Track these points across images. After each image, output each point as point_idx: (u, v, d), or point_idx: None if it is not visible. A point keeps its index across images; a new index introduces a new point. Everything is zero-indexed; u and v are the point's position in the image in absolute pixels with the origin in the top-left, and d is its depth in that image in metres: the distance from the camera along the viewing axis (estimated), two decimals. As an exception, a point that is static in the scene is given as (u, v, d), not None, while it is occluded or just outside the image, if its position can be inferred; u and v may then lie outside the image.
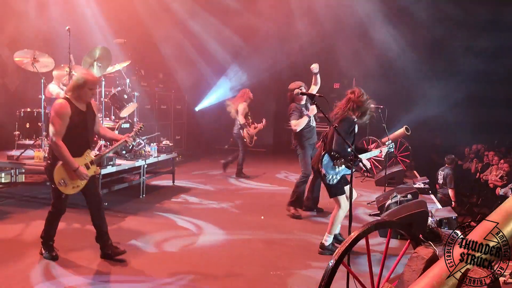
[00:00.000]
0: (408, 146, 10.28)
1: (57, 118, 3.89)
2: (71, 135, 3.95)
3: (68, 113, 3.91)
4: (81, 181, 4.12)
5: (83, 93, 4.00)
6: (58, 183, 4.01)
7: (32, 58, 6.40)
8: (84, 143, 4.14)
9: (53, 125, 3.89)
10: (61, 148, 3.88)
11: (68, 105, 3.94)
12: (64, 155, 3.90)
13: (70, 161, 3.94)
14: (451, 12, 11.94)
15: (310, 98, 4.13)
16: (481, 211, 9.28)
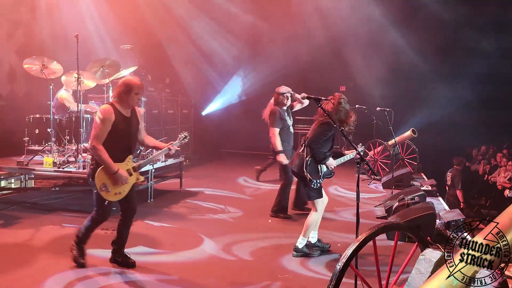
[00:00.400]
0: (415, 148, 10.25)
1: (99, 122, 3.90)
2: (113, 141, 3.94)
3: (111, 119, 3.92)
4: (123, 188, 4.06)
5: (130, 98, 4.00)
6: (100, 188, 3.96)
7: (41, 65, 6.48)
8: (126, 149, 4.10)
9: (94, 129, 3.93)
10: (100, 152, 3.89)
11: (112, 110, 3.95)
12: (104, 159, 3.90)
13: (110, 164, 3.93)
14: (458, 13, 11.91)
15: (315, 101, 4.15)
16: (489, 213, 9.22)
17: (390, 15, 11.70)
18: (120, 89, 4.00)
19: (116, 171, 3.96)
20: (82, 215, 6.05)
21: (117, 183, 4.00)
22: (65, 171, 6.27)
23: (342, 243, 5.26)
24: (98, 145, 3.89)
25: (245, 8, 11.60)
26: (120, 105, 4.01)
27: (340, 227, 5.89)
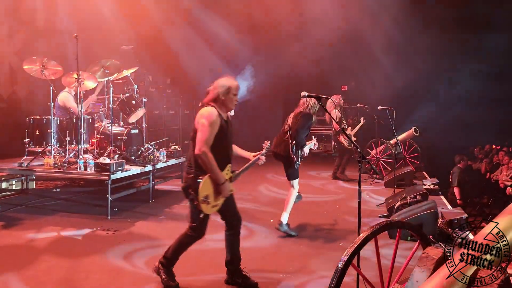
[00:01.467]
0: (417, 147, 10.22)
1: (208, 126, 3.54)
2: (216, 147, 3.59)
3: (218, 122, 3.61)
4: (220, 200, 3.69)
5: (228, 100, 3.71)
6: (201, 200, 3.54)
7: (41, 66, 6.47)
8: (227, 157, 3.78)
9: (203, 133, 3.53)
10: (210, 159, 3.51)
11: (217, 112, 3.64)
12: (214, 167, 3.53)
13: (218, 174, 3.58)
14: (460, 11, 11.89)
15: (317, 99, 4.13)
16: (492, 211, 9.18)
17: (391, 13, 11.66)
18: (217, 91, 3.69)
19: (224, 181, 3.61)
20: (83, 216, 6.07)
21: (219, 195, 3.65)
22: (66, 172, 6.26)
23: (343, 242, 5.24)
24: (209, 151, 3.51)
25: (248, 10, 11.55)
26: (219, 109, 3.69)
27: (339, 226, 5.86)
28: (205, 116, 3.59)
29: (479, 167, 12.21)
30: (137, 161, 7.08)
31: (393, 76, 12.87)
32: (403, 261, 2.80)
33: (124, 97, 7.35)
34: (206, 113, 3.61)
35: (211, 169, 3.54)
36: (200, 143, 3.52)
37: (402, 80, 12.80)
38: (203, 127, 3.56)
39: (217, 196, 3.65)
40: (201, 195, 3.53)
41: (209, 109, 3.64)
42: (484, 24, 12.40)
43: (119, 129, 7.29)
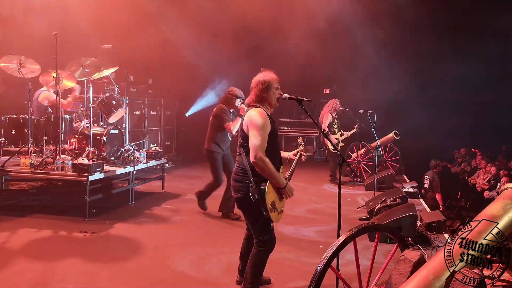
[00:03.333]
0: (397, 150, 10.36)
1: (259, 129, 3.27)
2: (271, 149, 3.36)
3: (269, 124, 3.35)
4: (283, 205, 3.49)
5: (272, 94, 3.46)
6: (270, 209, 3.29)
7: (18, 64, 6.33)
8: (279, 159, 3.54)
9: (256, 138, 3.26)
10: (268, 164, 3.25)
11: (266, 114, 3.39)
12: (273, 172, 3.29)
13: (279, 178, 3.35)
14: (445, 17, 12.09)
15: (298, 102, 4.13)
16: (469, 214, 9.35)
17: (372, 16, 11.80)
18: (258, 88, 3.45)
19: (286, 184, 3.40)
20: (60, 218, 5.94)
21: (282, 199, 3.46)
22: (43, 172, 6.12)
23: (323, 244, 5.25)
24: (265, 157, 3.25)
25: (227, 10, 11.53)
26: (265, 107, 3.45)
27: (321, 228, 5.88)
28: (255, 118, 3.32)
29: (458, 170, 12.43)
30: (117, 162, 6.99)
31: (374, 79, 13.02)
32: (382, 263, 2.81)
33: (104, 97, 7.24)
34: (255, 116, 3.33)
35: (271, 175, 3.30)
36: (255, 149, 3.26)
37: (383, 84, 12.96)
38: (255, 131, 3.29)
39: (281, 201, 3.46)
40: (268, 203, 3.29)
41: (259, 110, 3.37)
42: (465, 29, 12.65)
43: (98, 129, 7.18)
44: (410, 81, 13.62)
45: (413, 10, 11.86)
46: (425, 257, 2.62)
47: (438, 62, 13.13)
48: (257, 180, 3.32)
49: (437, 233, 5.57)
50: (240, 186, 3.41)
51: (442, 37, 12.83)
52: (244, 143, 3.40)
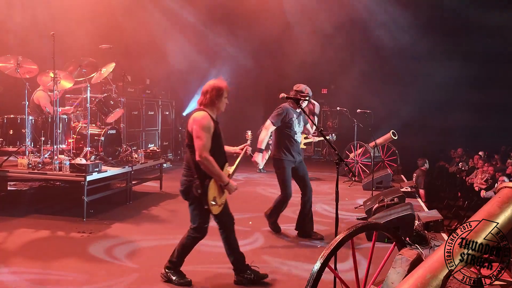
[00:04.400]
0: (395, 150, 10.37)
1: (203, 131, 3.62)
2: (215, 148, 3.69)
3: (212, 125, 3.68)
4: (224, 199, 3.82)
5: (221, 103, 3.81)
6: (210, 203, 3.65)
7: (16, 64, 6.31)
8: (224, 156, 3.87)
9: (200, 139, 3.60)
10: (212, 162, 3.59)
11: (209, 116, 3.71)
12: (217, 170, 3.62)
13: (222, 176, 3.67)
14: (438, 14, 12.13)
15: (295, 101, 4.16)
16: (466, 214, 9.35)
17: (370, 16, 11.83)
18: (211, 94, 3.75)
19: (228, 181, 3.72)
20: (57, 218, 5.93)
21: (223, 194, 3.78)
22: (40, 173, 6.11)
23: (321, 243, 5.26)
24: (209, 156, 3.59)
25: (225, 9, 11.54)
26: (210, 111, 3.77)
27: (318, 228, 5.88)
28: (198, 120, 3.65)
29: (455, 170, 12.46)
30: (115, 162, 6.98)
31: (372, 79, 13.05)
32: (379, 262, 2.81)
33: (102, 97, 7.23)
34: (199, 118, 3.65)
35: (214, 173, 3.63)
36: (199, 149, 3.59)
37: (381, 84, 12.99)
38: (199, 133, 3.61)
39: (222, 196, 3.77)
40: (211, 198, 3.62)
41: (203, 114, 3.69)
42: (462, 29, 12.70)
43: (96, 129, 7.17)
44: (408, 81, 13.66)
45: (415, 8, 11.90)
46: (423, 256, 2.62)
47: (439, 62, 13.15)
48: (201, 177, 3.64)
49: (435, 233, 5.58)
50: (185, 181, 3.80)
51: (439, 37, 12.86)
52: (189, 142, 3.72)
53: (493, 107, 13.57)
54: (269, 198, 6.81)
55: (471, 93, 13.14)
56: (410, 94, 13.31)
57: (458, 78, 12.73)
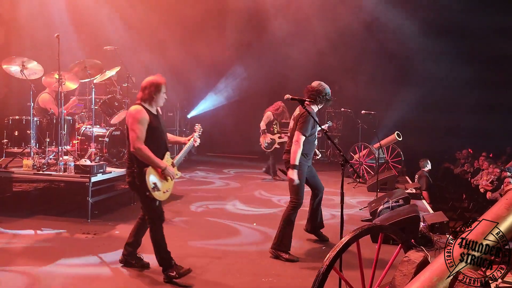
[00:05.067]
0: (400, 151, 10.33)
1: (137, 124, 3.88)
2: (151, 139, 3.94)
3: (147, 118, 3.92)
4: (170, 185, 4.10)
5: (159, 97, 4.06)
6: (152, 189, 3.90)
7: (21, 65, 6.33)
8: (163, 147, 4.12)
9: (134, 131, 3.87)
10: (145, 151, 3.85)
11: (144, 109, 3.96)
12: (151, 157, 3.88)
13: (157, 162, 3.92)
14: (440, 16, 12.09)
15: (299, 102, 4.15)
16: (472, 215, 9.30)
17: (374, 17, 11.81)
18: (150, 90, 4.00)
19: (165, 167, 3.97)
20: (62, 219, 5.94)
21: (166, 180, 4.02)
22: (45, 174, 6.13)
23: (326, 245, 5.24)
24: (143, 145, 3.85)
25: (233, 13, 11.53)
26: (148, 105, 4.02)
27: (324, 229, 5.85)
28: (132, 115, 3.93)
29: (460, 171, 12.39)
30: (119, 163, 6.98)
31: (377, 81, 13.01)
32: (385, 265, 2.79)
33: (106, 99, 7.25)
34: (133, 112, 3.94)
35: (150, 161, 3.89)
36: (133, 141, 3.86)
37: (386, 85, 12.95)
38: (132, 125, 3.89)
39: (164, 182, 4.02)
40: (149, 185, 3.87)
41: (136, 107, 3.97)
42: (464, 30, 12.64)
43: (100, 130, 7.18)
44: (413, 82, 13.60)
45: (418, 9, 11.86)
46: (429, 259, 2.60)
47: (441, 63, 13.10)
48: (140, 166, 3.88)
49: (440, 234, 5.55)
50: (128, 172, 4.05)
51: (446, 38, 12.81)
52: (127, 135, 3.98)
53: (499, 108, 13.49)
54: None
55: (477, 94, 13.07)
56: (415, 95, 13.26)
57: (464, 79, 12.67)
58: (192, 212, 6.69)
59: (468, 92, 13.01)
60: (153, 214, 4.04)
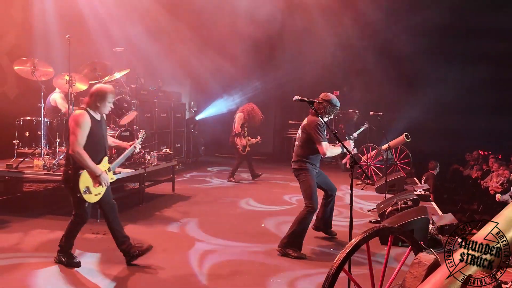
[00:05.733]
0: (408, 153, 10.28)
1: (78, 128, 4.02)
2: (90, 144, 4.09)
3: (89, 123, 4.07)
4: (102, 189, 4.22)
5: (103, 106, 4.22)
6: (83, 192, 4.07)
7: (32, 67, 6.39)
8: (102, 152, 4.28)
9: (75, 135, 4.01)
10: (83, 155, 4.00)
11: (87, 114, 4.10)
12: (87, 162, 4.03)
13: (94, 168, 4.08)
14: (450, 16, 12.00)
15: (309, 103, 4.15)
16: (482, 218, 9.23)
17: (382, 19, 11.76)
18: (95, 98, 4.18)
19: (101, 173, 4.13)
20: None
21: (98, 185, 4.16)
22: (55, 174, 6.18)
23: (335, 247, 5.23)
24: (81, 150, 4.01)
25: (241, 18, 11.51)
26: (92, 110, 4.20)
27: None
28: (75, 119, 4.07)
29: (470, 173, 12.30)
30: (128, 164, 7.02)
31: (385, 81, 12.95)
32: (395, 266, 2.78)
33: (115, 100, 7.28)
34: (76, 117, 4.08)
35: (86, 165, 4.04)
36: (72, 144, 4.01)
37: (394, 86, 12.89)
38: (74, 129, 4.04)
39: (97, 186, 4.16)
40: (81, 187, 4.05)
41: (79, 112, 4.12)
42: (472, 30, 12.55)
43: (109, 131, 7.21)
44: (422, 83, 13.52)
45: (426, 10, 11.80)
46: (439, 261, 2.59)
47: (451, 65, 13.02)
48: (75, 168, 4.07)
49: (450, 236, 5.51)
50: (64, 171, 4.22)
51: (454, 39, 12.72)
52: (68, 138, 4.12)
53: (509, 110, 13.36)
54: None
55: (488, 95, 12.96)
56: (424, 96, 13.18)
57: (474, 80, 12.57)
58: (199, 212, 6.71)
59: (478, 93, 12.90)
60: (79, 213, 4.28)
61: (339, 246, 5.20)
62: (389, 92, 12.89)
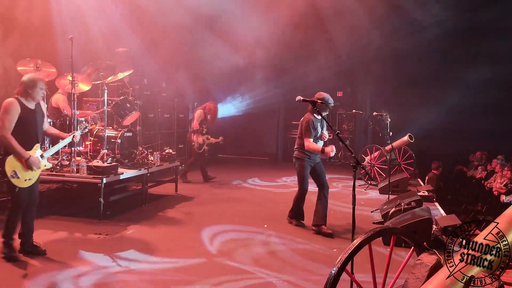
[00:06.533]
0: (412, 154, 10.24)
1: (5, 114, 4.21)
2: (21, 131, 4.25)
3: (17, 110, 4.23)
4: (33, 175, 4.36)
5: (35, 93, 4.36)
6: (10, 176, 4.20)
7: (35, 67, 6.41)
8: (33, 138, 4.42)
9: (2, 121, 4.19)
10: (10, 140, 4.17)
11: (17, 102, 4.27)
12: (15, 146, 4.19)
13: (21, 152, 4.23)
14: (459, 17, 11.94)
15: (312, 104, 4.15)
16: (485, 219, 9.18)
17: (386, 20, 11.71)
18: (25, 85, 4.32)
19: (29, 157, 4.26)
20: (75, 219, 6.01)
21: (29, 169, 4.29)
22: (58, 175, 6.19)
23: (337, 248, 5.21)
24: (8, 134, 4.17)
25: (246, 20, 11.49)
26: (25, 99, 4.34)
27: (333, 231, 5.83)
28: (4, 106, 4.24)
29: (474, 174, 12.23)
30: (131, 165, 7.03)
31: (389, 83, 12.91)
32: (397, 268, 2.77)
33: (118, 100, 7.31)
34: (4, 104, 4.25)
35: (13, 149, 4.20)
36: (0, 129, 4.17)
37: (398, 87, 12.84)
38: (1, 115, 4.20)
39: (27, 171, 4.29)
40: (8, 172, 4.18)
41: (9, 100, 4.28)
42: (481, 33, 12.48)
43: (113, 132, 7.23)
44: (426, 84, 13.48)
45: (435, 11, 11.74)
46: (442, 262, 2.57)
47: (454, 65, 12.96)
48: (4, 153, 4.24)
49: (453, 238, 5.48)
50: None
51: (461, 39, 12.65)
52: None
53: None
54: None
55: (493, 96, 12.89)
56: (428, 97, 13.14)
57: (481, 81, 12.51)
58: (202, 213, 6.71)
59: (483, 94, 12.82)
60: (14, 198, 4.35)
61: (342, 247, 5.18)
62: (393, 93, 12.84)
